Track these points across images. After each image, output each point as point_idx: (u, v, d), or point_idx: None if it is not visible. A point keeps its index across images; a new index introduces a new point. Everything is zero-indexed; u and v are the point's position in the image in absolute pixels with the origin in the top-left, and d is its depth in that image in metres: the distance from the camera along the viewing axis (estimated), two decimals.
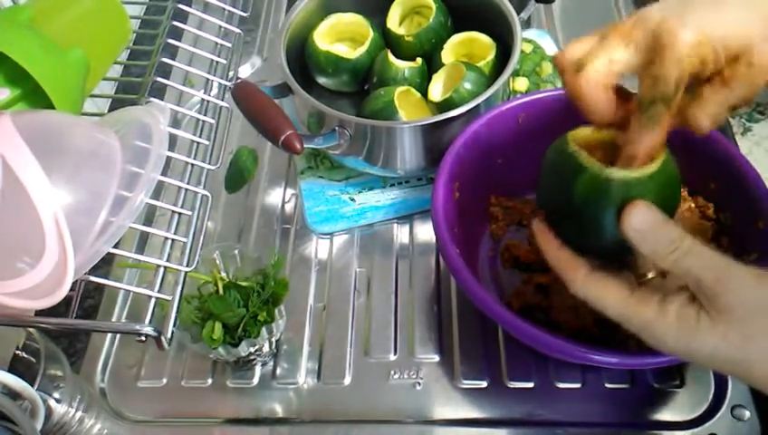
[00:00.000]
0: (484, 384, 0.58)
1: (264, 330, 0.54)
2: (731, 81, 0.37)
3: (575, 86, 0.39)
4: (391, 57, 0.68)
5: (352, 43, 0.74)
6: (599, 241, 0.41)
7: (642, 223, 0.37)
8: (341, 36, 0.74)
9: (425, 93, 0.71)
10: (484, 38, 0.69)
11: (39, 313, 0.38)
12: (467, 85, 0.64)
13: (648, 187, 0.38)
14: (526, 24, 0.84)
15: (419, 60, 0.70)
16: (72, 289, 0.36)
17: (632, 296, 0.39)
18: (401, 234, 0.69)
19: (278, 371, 0.61)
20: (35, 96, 0.46)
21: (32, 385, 0.46)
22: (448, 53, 0.69)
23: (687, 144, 0.48)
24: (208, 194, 0.47)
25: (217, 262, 0.58)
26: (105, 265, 0.67)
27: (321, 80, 0.73)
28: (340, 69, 0.71)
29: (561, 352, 0.48)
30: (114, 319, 0.65)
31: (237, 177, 0.74)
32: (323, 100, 0.64)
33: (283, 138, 0.55)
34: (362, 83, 0.73)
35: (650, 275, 0.43)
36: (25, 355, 0.49)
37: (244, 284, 0.56)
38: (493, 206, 0.65)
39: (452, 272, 0.52)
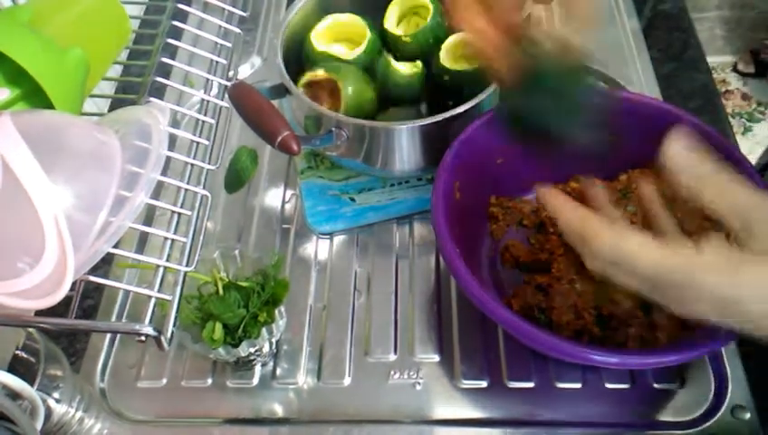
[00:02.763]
0: (484, 384, 0.58)
1: (264, 330, 0.54)
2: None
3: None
4: (393, 63, 0.68)
5: (350, 43, 0.73)
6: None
7: (686, 151, 0.36)
8: (339, 37, 0.74)
9: (424, 95, 0.71)
10: None
11: (39, 313, 0.38)
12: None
13: None
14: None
15: (419, 62, 0.70)
16: (71, 289, 0.36)
17: (665, 245, 0.36)
18: (401, 234, 0.69)
19: (278, 371, 0.61)
20: (35, 96, 0.46)
21: (31, 385, 0.46)
22: (446, 54, 0.69)
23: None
24: (208, 194, 0.47)
25: (217, 262, 0.58)
26: (105, 265, 0.67)
27: None
28: None
29: (560, 353, 0.48)
30: (114, 319, 0.65)
31: (237, 177, 0.74)
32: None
33: (279, 139, 0.55)
34: None
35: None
36: (25, 355, 0.49)
37: (244, 284, 0.56)
38: (493, 206, 0.65)
39: (452, 272, 0.52)
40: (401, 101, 0.70)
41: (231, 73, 0.58)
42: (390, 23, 0.73)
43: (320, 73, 0.66)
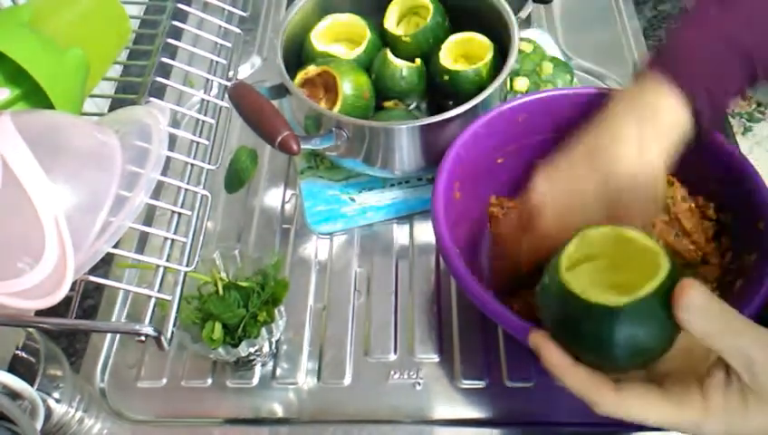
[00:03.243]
0: (483, 384, 0.58)
1: (263, 330, 0.54)
2: None
3: None
4: (390, 56, 0.68)
5: (350, 43, 0.74)
6: (615, 359, 0.38)
7: (696, 304, 0.35)
8: (339, 37, 0.74)
9: (424, 94, 0.71)
10: (481, 39, 0.69)
11: (39, 313, 0.38)
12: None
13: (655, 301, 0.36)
14: (526, 24, 0.84)
15: (418, 60, 0.70)
16: (71, 289, 0.36)
17: (671, 400, 0.37)
18: (401, 234, 0.69)
19: (278, 371, 0.61)
20: (35, 96, 0.46)
21: (31, 385, 0.46)
22: (446, 54, 0.69)
23: (689, 143, 0.49)
24: (208, 194, 0.47)
25: (217, 262, 0.58)
26: (105, 265, 0.67)
27: None
28: None
29: None
30: (114, 319, 0.65)
31: (237, 177, 0.74)
32: None
33: (279, 139, 0.55)
34: None
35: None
36: (25, 355, 0.49)
37: (244, 284, 0.56)
38: (493, 206, 0.65)
39: (452, 272, 0.52)
40: (399, 96, 0.70)
41: (231, 73, 0.58)
42: (390, 23, 0.73)
43: (311, 69, 0.66)
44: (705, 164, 0.57)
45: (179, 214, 0.46)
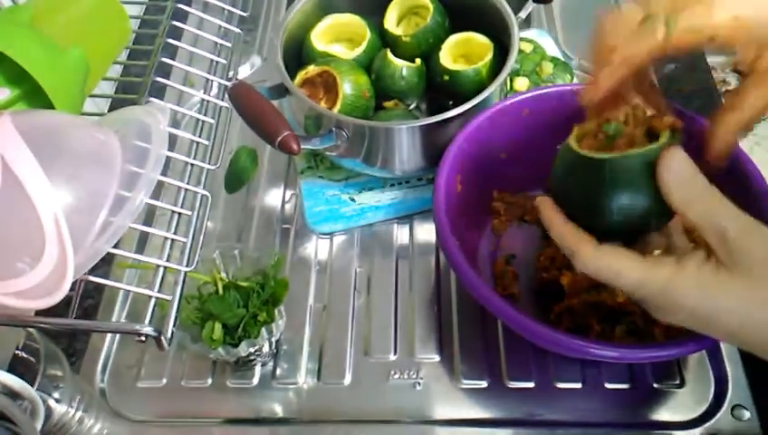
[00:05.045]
0: (484, 384, 0.58)
1: (263, 330, 0.54)
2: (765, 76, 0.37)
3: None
4: (390, 55, 0.68)
5: (350, 43, 0.74)
6: (607, 223, 0.40)
7: (680, 169, 0.37)
8: (339, 37, 0.74)
9: (424, 94, 0.71)
10: (481, 38, 0.69)
11: (39, 313, 0.38)
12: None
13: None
14: (526, 24, 0.84)
15: (418, 60, 0.70)
16: (71, 289, 0.36)
17: (646, 261, 0.38)
18: (401, 234, 0.69)
19: (278, 371, 0.61)
20: (35, 96, 0.46)
21: (31, 385, 0.46)
22: (446, 54, 0.69)
23: (689, 142, 0.49)
24: (208, 194, 0.47)
25: (217, 262, 0.58)
26: (105, 265, 0.67)
27: None
28: None
29: (560, 346, 0.48)
30: (114, 319, 0.65)
31: (237, 177, 0.74)
32: None
33: (279, 139, 0.55)
34: None
35: (656, 253, 0.42)
36: (25, 355, 0.49)
37: (243, 284, 0.56)
38: (495, 201, 0.65)
39: (451, 264, 0.52)
40: (399, 96, 0.70)
41: (231, 73, 0.58)
42: (390, 23, 0.73)
43: (311, 69, 0.66)
44: (706, 163, 0.57)
45: (179, 214, 0.46)
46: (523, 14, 0.70)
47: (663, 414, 0.56)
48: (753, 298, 0.36)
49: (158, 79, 0.53)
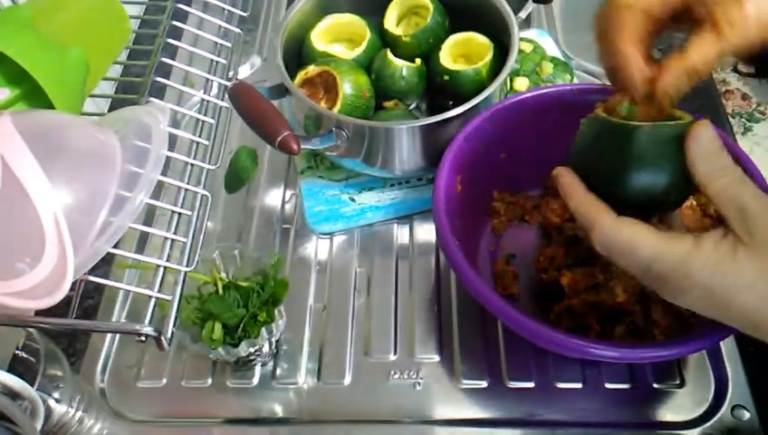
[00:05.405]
0: (484, 384, 0.58)
1: (263, 330, 0.54)
2: (721, 26, 0.38)
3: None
4: (390, 55, 0.68)
5: (350, 43, 0.74)
6: (627, 195, 0.41)
7: (709, 142, 0.38)
8: (339, 37, 0.74)
9: (424, 94, 0.71)
10: (481, 38, 0.69)
11: (39, 313, 0.38)
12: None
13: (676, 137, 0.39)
14: (526, 24, 0.84)
15: (418, 60, 0.70)
16: (71, 289, 0.36)
17: (664, 234, 0.38)
18: (401, 234, 0.69)
19: (278, 371, 0.61)
20: (35, 96, 0.46)
21: (31, 385, 0.46)
22: (446, 54, 0.69)
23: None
24: (208, 194, 0.47)
25: (217, 262, 0.58)
26: (105, 265, 0.67)
27: None
28: None
29: (560, 346, 0.48)
30: (114, 319, 0.65)
31: (237, 177, 0.74)
32: None
33: (279, 139, 0.55)
34: None
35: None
36: (25, 355, 0.49)
37: (243, 284, 0.56)
38: (495, 201, 0.65)
39: (451, 264, 0.52)
40: (399, 96, 0.70)
41: (231, 73, 0.58)
42: (390, 23, 0.73)
43: (311, 69, 0.66)
44: None
45: (179, 214, 0.46)
46: (523, 14, 0.70)
47: (663, 414, 0.56)
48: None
49: (158, 79, 0.53)
